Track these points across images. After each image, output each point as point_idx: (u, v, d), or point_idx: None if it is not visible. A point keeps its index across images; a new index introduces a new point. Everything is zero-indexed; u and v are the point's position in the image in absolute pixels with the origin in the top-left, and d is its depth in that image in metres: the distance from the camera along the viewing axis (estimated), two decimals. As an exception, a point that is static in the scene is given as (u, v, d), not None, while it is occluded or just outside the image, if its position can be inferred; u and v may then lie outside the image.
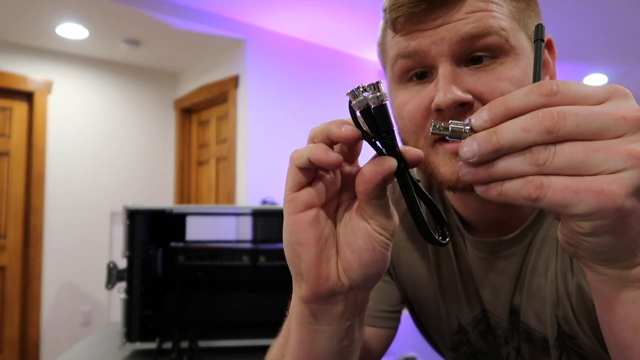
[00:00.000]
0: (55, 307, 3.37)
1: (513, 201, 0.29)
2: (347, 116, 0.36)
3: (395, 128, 0.55)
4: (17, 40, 3.25)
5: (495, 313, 0.60)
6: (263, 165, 3.28)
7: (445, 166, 0.50)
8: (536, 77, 0.35)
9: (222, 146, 3.63)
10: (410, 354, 0.90)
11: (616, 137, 0.28)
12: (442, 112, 0.48)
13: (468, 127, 0.31)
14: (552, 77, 0.55)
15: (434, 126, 0.32)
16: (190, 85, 3.84)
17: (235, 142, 3.34)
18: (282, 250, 1.07)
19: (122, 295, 0.96)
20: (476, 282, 0.61)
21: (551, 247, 0.55)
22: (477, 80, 0.48)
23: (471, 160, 0.30)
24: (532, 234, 0.56)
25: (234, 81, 3.33)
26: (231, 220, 1.13)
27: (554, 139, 0.28)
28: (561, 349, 0.56)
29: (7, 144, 3.31)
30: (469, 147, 0.30)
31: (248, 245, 1.11)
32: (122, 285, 0.97)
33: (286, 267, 0.39)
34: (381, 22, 0.56)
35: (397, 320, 0.67)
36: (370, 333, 0.63)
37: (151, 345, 0.97)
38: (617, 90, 0.29)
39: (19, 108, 3.36)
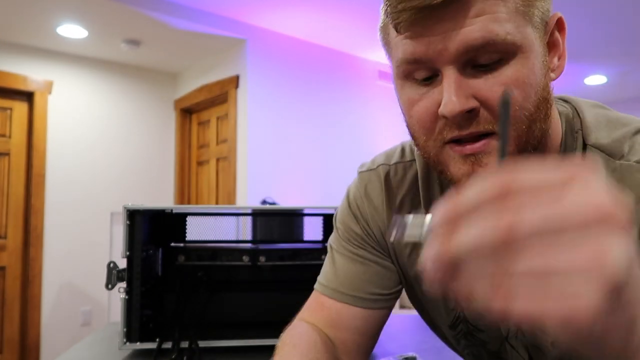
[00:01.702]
0: (55, 307, 3.37)
1: (484, 312, 0.28)
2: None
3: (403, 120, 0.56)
4: (18, 40, 3.25)
5: None
6: (263, 165, 3.28)
7: (454, 166, 0.51)
8: (502, 143, 0.34)
9: (222, 146, 3.63)
10: (410, 354, 0.90)
11: (578, 233, 0.25)
12: (449, 119, 0.49)
13: (427, 231, 0.31)
14: (561, 57, 0.55)
15: (395, 233, 0.33)
16: (190, 85, 3.84)
17: (235, 142, 3.34)
18: (282, 250, 1.07)
19: (122, 295, 0.96)
20: None
21: None
22: (483, 84, 0.49)
23: (434, 268, 0.29)
24: None
25: (234, 81, 3.33)
26: (231, 220, 1.13)
27: (512, 250, 0.26)
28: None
29: (7, 144, 3.31)
30: (429, 255, 0.29)
31: (248, 245, 1.11)
32: (122, 285, 0.97)
33: (286, 267, 0.39)
34: (382, 6, 0.55)
35: (394, 300, 0.70)
36: (367, 315, 0.67)
37: (151, 345, 0.96)
38: (578, 173, 0.26)
39: (19, 108, 3.36)
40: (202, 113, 3.89)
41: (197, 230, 1.11)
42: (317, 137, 3.58)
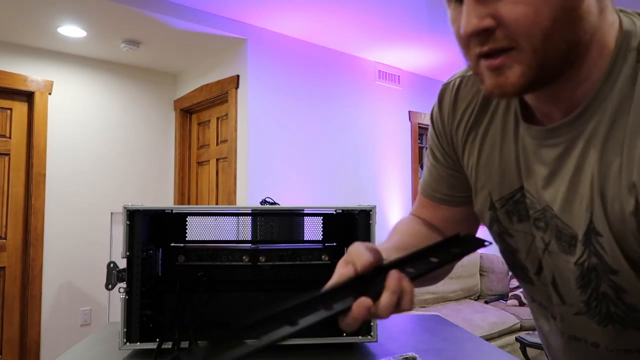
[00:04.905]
0: (55, 307, 3.37)
1: None
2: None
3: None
4: (18, 41, 3.25)
5: (532, 192, 0.65)
6: (263, 165, 3.29)
7: (485, 79, 0.56)
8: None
9: (222, 146, 3.63)
10: (410, 354, 0.90)
11: None
12: (470, 37, 0.53)
13: None
14: None
15: None
16: (190, 85, 3.84)
17: (235, 142, 3.34)
18: (282, 250, 1.07)
19: (122, 296, 0.96)
20: (518, 163, 0.66)
21: (595, 150, 0.56)
22: (499, 4, 0.51)
23: None
24: (575, 132, 0.58)
25: (235, 81, 3.33)
26: (231, 220, 1.13)
27: None
28: (585, 245, 0.58)
29: (7, 144, 3.31)
30: None
31: (248, 246, 1.11)
32: (122, 285, 0.97)
33: (286, 267, 0.39)
34: None
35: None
36: (455, 210, 0.79)
37: (151, 346, 0.97)
38: None
39: (19, 108, 3.36)
40: (202, 113, 3.89)
41: (197, 230, 1.11)
42: (318, 136, 3.58)
